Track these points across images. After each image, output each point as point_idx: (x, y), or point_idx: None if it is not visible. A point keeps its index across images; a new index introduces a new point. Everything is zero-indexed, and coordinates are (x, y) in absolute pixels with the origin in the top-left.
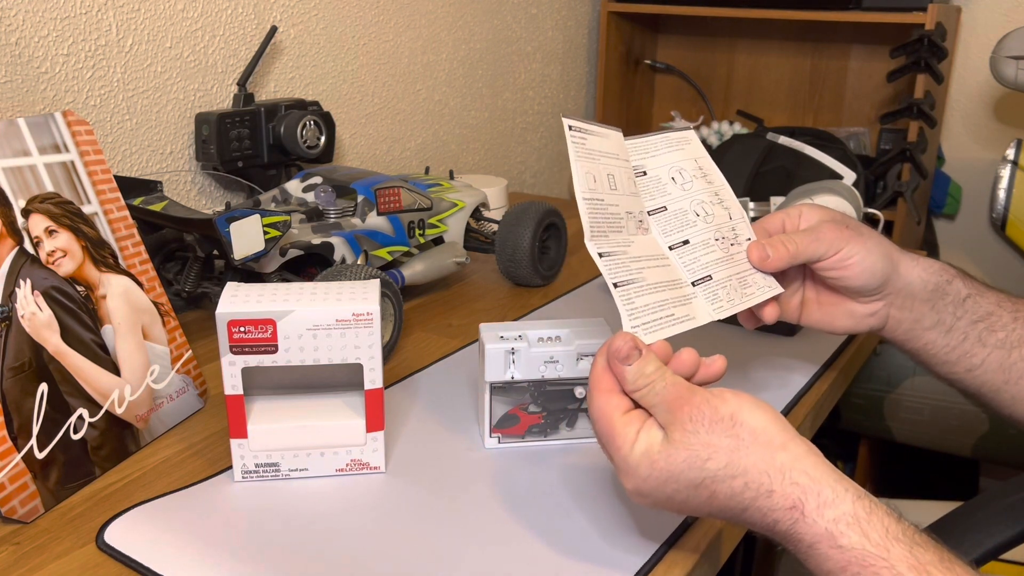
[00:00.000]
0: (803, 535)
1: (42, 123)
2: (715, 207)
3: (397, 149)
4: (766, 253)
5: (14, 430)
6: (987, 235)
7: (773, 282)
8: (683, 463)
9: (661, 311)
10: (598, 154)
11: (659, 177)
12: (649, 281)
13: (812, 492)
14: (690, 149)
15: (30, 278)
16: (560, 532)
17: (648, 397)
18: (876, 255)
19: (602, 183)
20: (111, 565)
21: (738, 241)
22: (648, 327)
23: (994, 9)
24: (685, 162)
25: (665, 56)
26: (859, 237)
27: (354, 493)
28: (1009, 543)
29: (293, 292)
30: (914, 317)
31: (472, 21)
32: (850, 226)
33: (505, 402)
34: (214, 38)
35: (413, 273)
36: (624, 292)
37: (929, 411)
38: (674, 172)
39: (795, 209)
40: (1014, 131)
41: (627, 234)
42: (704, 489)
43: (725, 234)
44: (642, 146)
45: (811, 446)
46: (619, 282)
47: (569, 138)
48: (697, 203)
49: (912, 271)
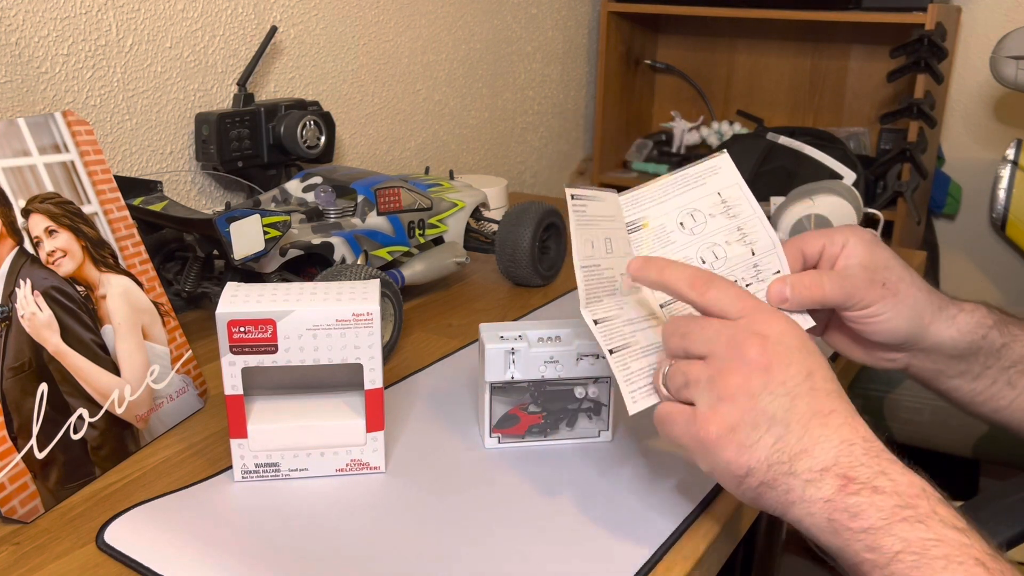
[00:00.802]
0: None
1: (42, 123)
2: (732, 246)
3: (397, 149)
4: (785, 295)
5: (14, 430)
6: (987, 235)
7: (800, 317)
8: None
9: (650, 376)
10: (597, 219)
11: (663, 226)
12: (641, 344)
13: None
14: (714, 182)
15: (30, 278)
16: (560, 532)
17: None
18: (905, 317)
19: (599, 248)
20: (111, 565)
21: (760, 278)
22: (643, 391)
23: (994, 9)
24: (702, 200)
25: (665, 56)
26: (892, 296)
27: (354, 493)
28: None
29: (293, 292)
30: (938, 368)
31: (472, 21)
32: (888, 281)
33: (505, 402)
34: (214, 38)
35: (413, 273)
36: (620, 358)
37: (929, 411)
38: (684, 216)
39: (840, 236)
40: (1014, 131)
41: (621, 295)
42: (810, 357)
43: (741, 275)
44: (648, 195)
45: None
46: (615, 348)
47: (571, 208)
48: (707, 247)
49: (944, 332)
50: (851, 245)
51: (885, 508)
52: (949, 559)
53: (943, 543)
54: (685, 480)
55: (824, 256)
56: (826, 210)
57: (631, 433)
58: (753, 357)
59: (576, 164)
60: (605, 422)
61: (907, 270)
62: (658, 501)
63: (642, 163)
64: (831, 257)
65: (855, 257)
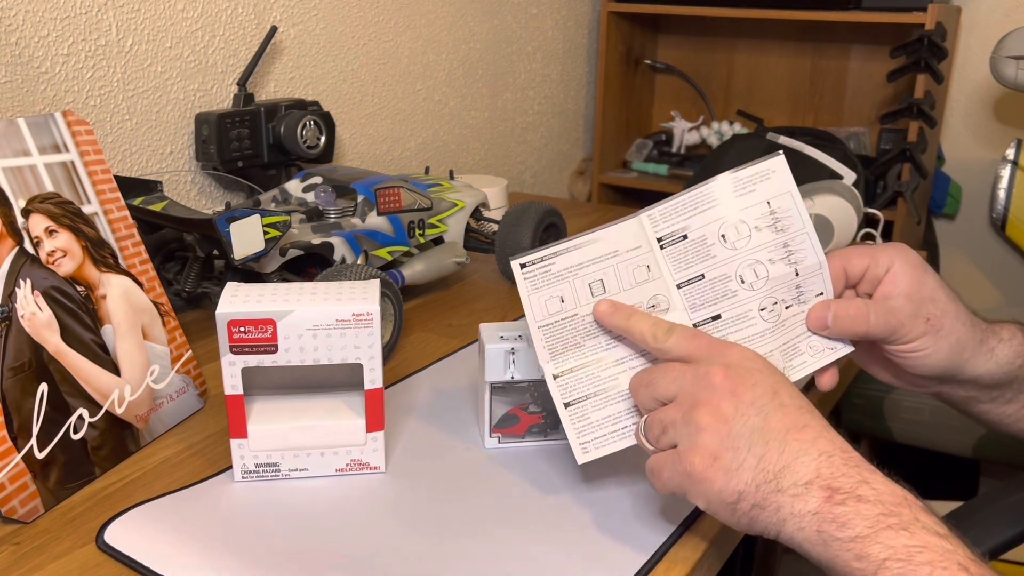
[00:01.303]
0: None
1: (42, 123)
2: (775, 265)
3: (397, 149)
4: (827, 323)
5: (14, 430)
6: (987, 235)
7: (840, 344)
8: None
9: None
10: (575, 268)
11: (704, 238)
12: (622, 387)
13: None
14: (765, 188)
15: (30, 278)
16: (560, 532)
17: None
18: (945, 354)
19: (579, 297)
20: (111, 565)
21: (801, 299)
22: (600, 441)
23: (994, 9)
24: (750, 209)
25: (665, 56)
26: (935, 332)
27: (354, 493)
28: (1009, 543)
29: (293, 292)
30: (971, 396)
31: (472, 21)
32: (933, 316)
33: (505, 402)
34: (214, 38)
35: (413, 273)
36: (577, 410)
37: (929, 411)
38: (727, 228)
39: (886, 257)
40: (1014, 131)
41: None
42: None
43: (781, 296)
44: (690, 202)
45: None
46: (572, 401)
47: (521, 277)
48: (748, 265)
49: (982, 366)
50: (897, 269)
51: (870, 516)
52: (933, 565)
53: (927, 549)
54: None
55: (867, 277)
56: (826, 210)
57: None
58: (718, 383)
59: (576, 164)
60: None
61: (952, 301)
62: (658, 500)
63: (642, 163)
64: (874, 279)
65: (901, 285)
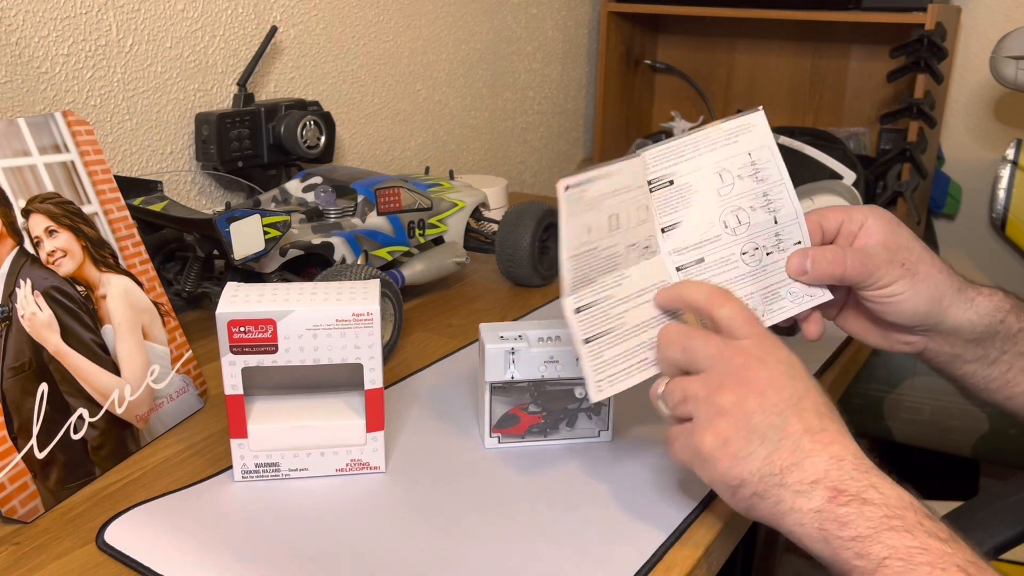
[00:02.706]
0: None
1: (42, 123)
2: (756, 212)
3: (397, 149)
4: (805, 267)
5: (14, 430)
6: (987, 235)
7: (818, 290)
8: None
9: (634, 356)
10: (601, 198)
11: (689, 184)
12: (629, 325)
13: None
14: (746, 140)
15: (30, 278)
16: (560, 532)
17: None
18: (924, 298)
19: (599, 229)
20: (111, 565)
21: (780, 247)
22: (612, 379)
23: (994, 9)
24: (733, 159)
25: (665, 56)
26: (911, 276)
27: (354, 493)
28: (1009, 543)
29: (293, 292)
30: (955, 352)
31: (472, 21)
32: (908, 261)
33: (505, 402)
34: (214, 38)
35: (413, 273)
36: (593, 347)
37: (929, 411)
38: (712, 176)
39: (860, 214)
40: (1014, 131)
41: (624, 268)
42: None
43: (762, 243)
44: (678, 149)
45: None
46: (591, 337)
47: (565, 198)
48: (731, 211)
49: (962, 315)
50: (871, 224)
51: (873, 518)
52: (933, 565)
53: (928, 551)
54: (685, 480)
55: (842, 232)
56: None
57: (631, 433)
58: (750, 379)
59: (576, 164)
60: (605, 422)
61: (927, 251)
62: (658, 501)
63: None
64: (849, 234)
65: (875, 236)
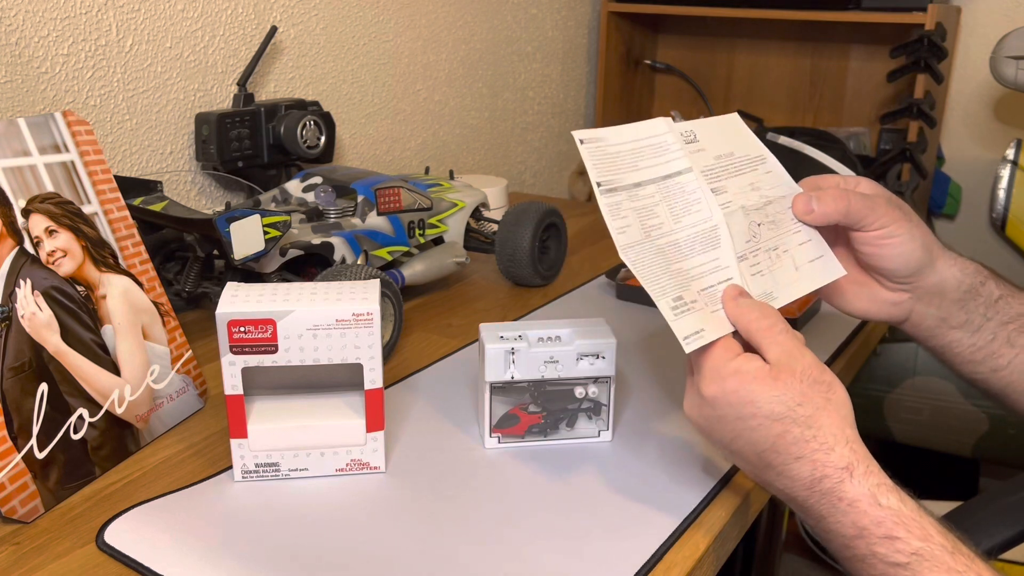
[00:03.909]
0: (846, 492)
1: (42, 123)
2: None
3: (397, 149)
4: (811, 206)
5: (14, 430)
6: (987, 235)
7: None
8: (775, 395)
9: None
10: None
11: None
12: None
13: (863, 461)
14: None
15: (30, 278)
16: (560, 532)
17: (772, 334)
18: (918, 243)
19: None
20: (111, 565)
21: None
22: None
23: (994, 9)
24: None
25: (665, 56)
26: (907, 220)
27: (354, 493)
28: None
29: (293, 292)
30: (941, 315)
31: (472, 21)
32: (902, 208)
33: (505, 402)
34: (214, 38)
35: (413, 273)
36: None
37: (929, 411)
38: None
39: (854, 180)
40: (1014, 131)
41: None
42: (779, 425)
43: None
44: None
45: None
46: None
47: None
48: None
49: (948, 269)
50: (864, 184)
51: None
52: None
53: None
54: (684, 480)
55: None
56: None
57: (631, 433)
58: (813, 399)
59: (576, 164)
60: (605, 422)
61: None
62: (657, 501)
63: None
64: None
65: (870, 190)
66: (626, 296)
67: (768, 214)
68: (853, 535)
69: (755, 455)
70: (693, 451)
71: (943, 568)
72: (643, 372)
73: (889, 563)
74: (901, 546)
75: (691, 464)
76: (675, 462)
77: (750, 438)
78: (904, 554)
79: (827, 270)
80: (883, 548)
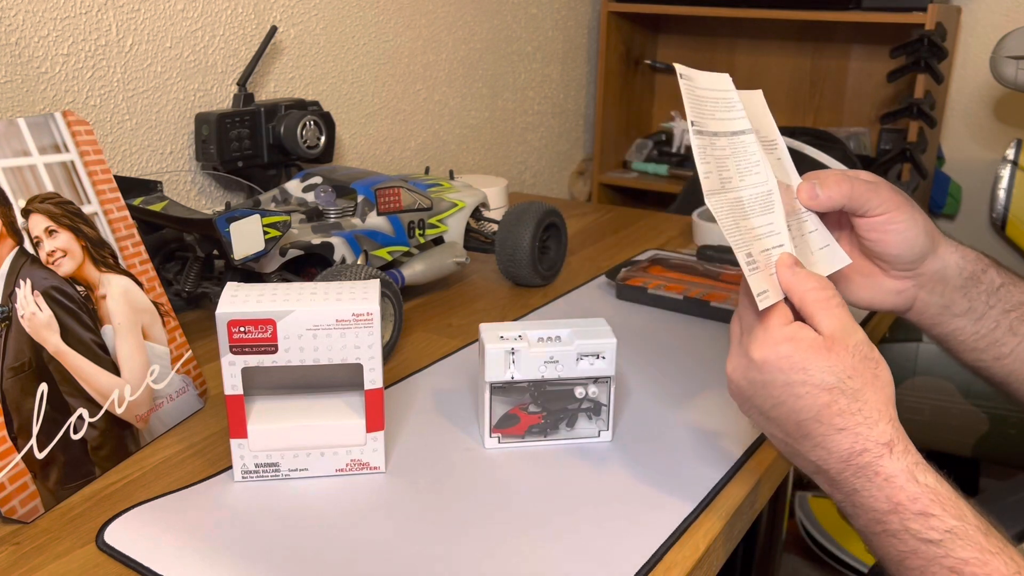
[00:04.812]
0: (883, 467)
1: (42, 123)
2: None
3: (397, 149)
4: (815, 192)
5: (14, 430)
6: (987, 235)
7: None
8: (828, 365)
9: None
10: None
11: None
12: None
13: (903, 440)
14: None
15: (30, 278)
16: (560, 532)
17: (829, 306)
18: (920, 229)
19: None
20: (111, 565)
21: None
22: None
23: (994, 9)
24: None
25: (665, 56)
26: (909, 206)
27: (354, 493)
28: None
29: (293, 292)
30: (944, 303)
31: (472, 21)
32: (903, 194)
33: (505, 402)
34: (214, 38)
35: (413, 273)
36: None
37: (929, 411)
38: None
39: (854, 172)
40: (1014, 131)
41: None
42: (828, 395)
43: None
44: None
45: None
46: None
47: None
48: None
49: (950, 256)
50: (864, 174)
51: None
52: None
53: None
54: (684, 480)
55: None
56: None
57: (631, 433)
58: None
59: (576, 164)
60: (605, 422)
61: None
62: (657, 501)
63: (642, 163)
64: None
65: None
66: (626, 296)
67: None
68: (887, 510)
69: (794, 424)
70: (693, 451)
71: (976, 548)
72: (643, 372)
73: (921, 539)
74: (936, 523)
75: (691, 464)
76: (675, 462)
77: (794, 406)
78: (938, 531)
79: (834, 258)
80: (917, 524)
